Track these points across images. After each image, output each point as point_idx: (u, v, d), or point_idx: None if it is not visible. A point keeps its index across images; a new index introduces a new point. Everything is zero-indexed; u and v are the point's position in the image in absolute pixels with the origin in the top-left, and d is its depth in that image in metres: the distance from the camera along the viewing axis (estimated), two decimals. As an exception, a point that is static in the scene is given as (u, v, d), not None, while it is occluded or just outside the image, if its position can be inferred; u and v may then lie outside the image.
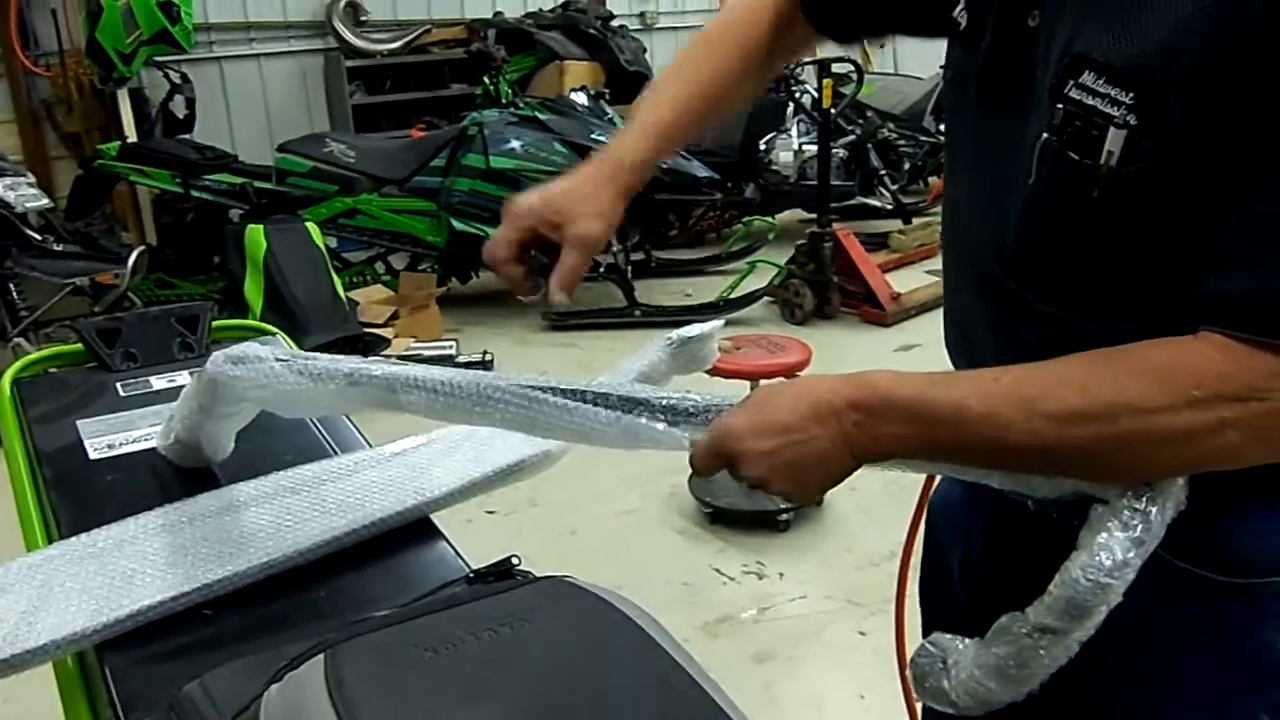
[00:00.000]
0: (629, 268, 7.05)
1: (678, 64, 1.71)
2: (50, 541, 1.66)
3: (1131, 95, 1.09)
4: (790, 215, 8.65)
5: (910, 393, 1.14)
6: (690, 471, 1.29)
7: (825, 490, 1.22)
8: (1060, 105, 1.15)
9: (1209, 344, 1.05)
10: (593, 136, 6.84)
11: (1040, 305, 1.26)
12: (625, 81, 8.86)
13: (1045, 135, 1.17)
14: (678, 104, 1.67)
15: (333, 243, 6.82)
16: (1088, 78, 1.12)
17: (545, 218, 1.64)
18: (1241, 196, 1.05)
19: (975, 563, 1.50)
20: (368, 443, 1.95)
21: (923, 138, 8.83)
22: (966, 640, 1.23)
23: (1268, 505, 1.20)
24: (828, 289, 6.78)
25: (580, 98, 7.25)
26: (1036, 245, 1.25)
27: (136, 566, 1.53)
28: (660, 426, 1.29)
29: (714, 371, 2.21)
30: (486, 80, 7.79)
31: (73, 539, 1.56)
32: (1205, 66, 1.04)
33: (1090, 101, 1.12)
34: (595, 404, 1.31)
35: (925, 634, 1.64)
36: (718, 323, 1.77)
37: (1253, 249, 1.04)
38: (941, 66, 1.58)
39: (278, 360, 1.49)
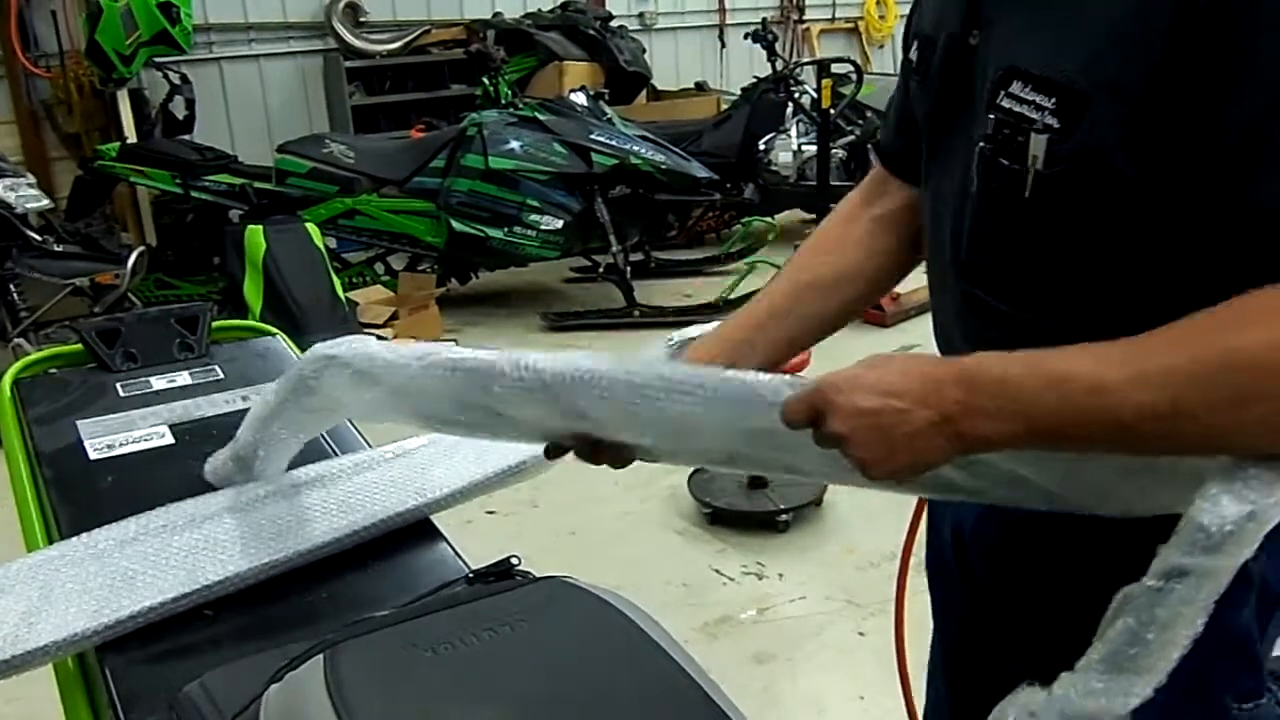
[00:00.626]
0: (628, 268, 7.04)
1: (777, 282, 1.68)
2: (50, 542, 1.67)
3: (1053, 100, 1.15)
4: (790, 215, 8.64)
5: (1015, 370, 1.11)
6: (690, 472, 1.29)
7: (907, 472, 1.16)
8: (992, 115, 1.21)
9: None
10: (592, 137, 6.83)
11: (1000, 307, 1.31)
12: (624, 82, 8.87)
13: (981, 144, 1.23)
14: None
15: (332, 243, 6.82)
16: (1016, 86, 1.18)
17: None
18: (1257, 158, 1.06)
19: (967, 542, 1.52)
20: (368, 443, 1.95)
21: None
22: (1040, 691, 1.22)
23: None
24: (827, 289, 6.76)
25: (579, 98, 7.25)
26: (986, 250, 1.30)
27: (138, 567, 1.53)
28: (761, 378, 1.23)
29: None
30: (486, 81, 7.79)
31: (73, 540, 1.56)
32: (1124, 73, 1.09)
33: (1018, 109, 1.18)
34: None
35: (936, 619, 1.67)
36: (718, 324, 1.76)
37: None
38: None
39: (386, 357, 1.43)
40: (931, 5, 1.42)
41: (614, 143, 6.85)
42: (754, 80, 8.62)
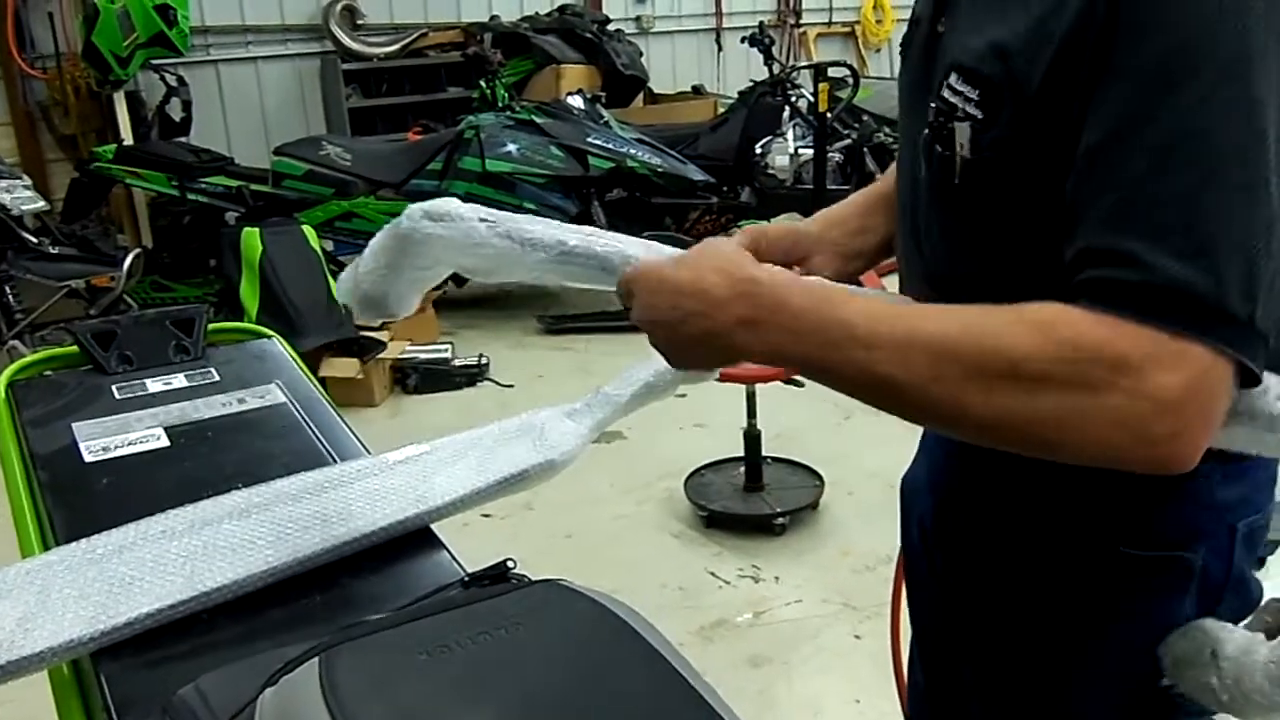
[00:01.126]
0: (625, 271, 7.04)
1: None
2: (45, 545, 1.66)
3: (977, 92, 1.18)
4: (786, 219, 8.64)
5: (802, 302, 1.14)
6: (686, 476, 1.30)
7: (703, 368, 1.28)
8: (933, 103, 1.25)
9: (1088, 315, 1.04)
10: (588, 140, 6.84)
11: (961, 297, 1.29)
12: (621, 85, 8.88)
13: (925, 131, 1.28)
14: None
15: (329, 246, 6.81)
16: (953, 78, 1.22)
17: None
18: (1089, 194, 1.08)
19: (928, 532, 1.58)
20: (367, 450, 1.94)
21: (918, 142, 8.83)
22: (1236, 630, 1.24)
23: (1166, 481, 1.18)
24: (823, 292, 6.76)
25: (576, 101, 7.26)
26: (936, 233, 1.33)
27: (135, 574, 1.52)
28: (610, 250, 1.42)
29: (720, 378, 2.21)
30: (483, 84, 7.80)
31: (71, 545, 1.56)
32: (1027, 72, 1.12)
33: (952, 100, 1.22)
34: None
35: (911, 615, 1.70)
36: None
37: (1110, 236, 1.05)
38: None
39: (481, 220, 1.48)
40: None
41: (611, 146, 6.85)
42: (751, 84, 8.62)
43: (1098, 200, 1.06)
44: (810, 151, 7.70)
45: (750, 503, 4.44)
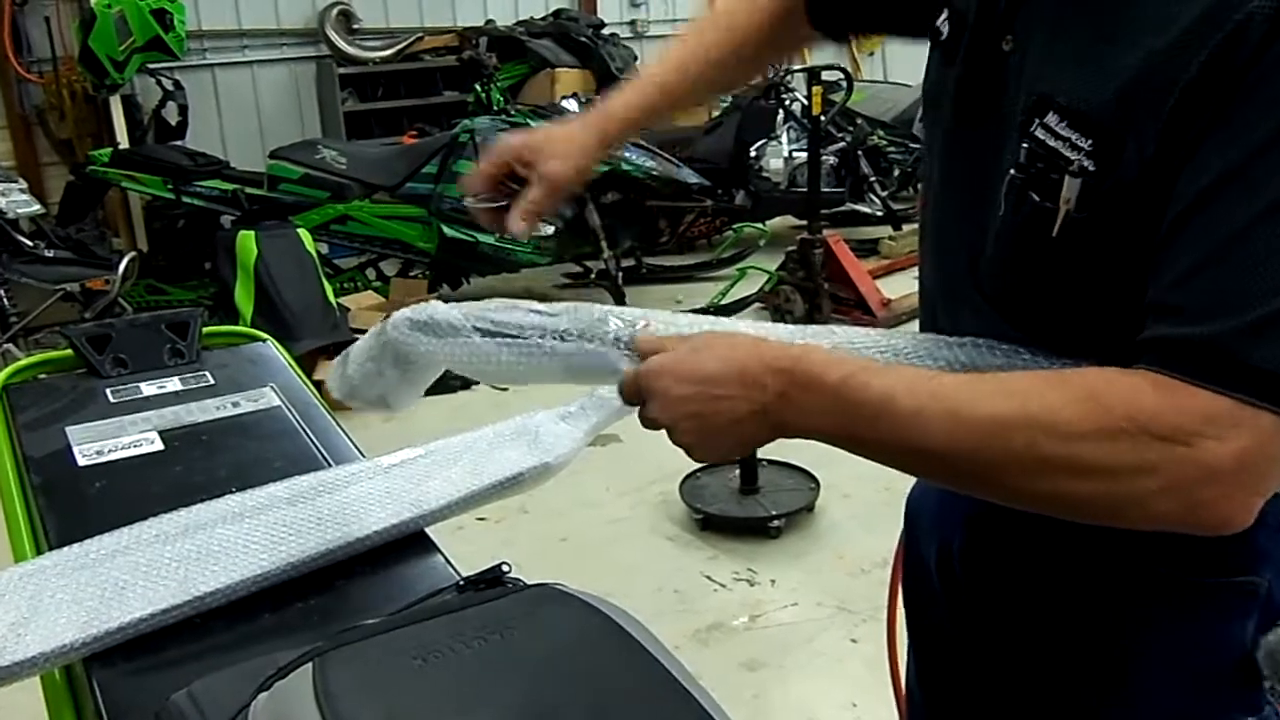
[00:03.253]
0: (620, 274, 7.05)
1: (681, 36, 1.74)
2: (39, 549, 1.66)
3: (1090, 142, 1.09)
4: (780, 222, 8.65)
5: (839, 375, 1.12)
6: (681, 479, 1.30)
7: (731, 456, 1.21)
8: (1025, 144, 1.15)
9: (1145, 379, 1.02)
10: (584, 143, 6.84)
11: (1007, 328, 1.27)
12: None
13: (1012, 172, 1.18)
14: (676, 67, 1.70)
15: (324, 249, 6.81)
16: (1051, 119, 1.12)
17: (521, 155, 1.64)
18: (1174, 244, 1.04)
19: (955, 558, 1.49)
20: (362, 454, 1.94)
21: (912, 144, 8.83)
22: None
23: None
24: (818, 295, 6.77)
25: (571, 105, 7.25)
26: (1005, 270, 1.25)
27: (129, 578, 1.52)
28: (604, 350, 1.32)
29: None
30: (478, 87, 7.79)
31: (64, 549, 1.55)
32: (1153, 117, 1.03)
33: (1053, 144, 1.12)
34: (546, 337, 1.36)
35: (910, 634, 1.67)
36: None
37: (1188, 296, 1.02)
38: None
39: (475, 328, 1.44)
40: None
41: (606, 149, 6.85)
42: (745, 87, 8.62)
43: (1179, 255, 1.03)
44: (804, 155, 7.69)
45: (745, 506, 4.44)
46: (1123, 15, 1.07)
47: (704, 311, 6.70)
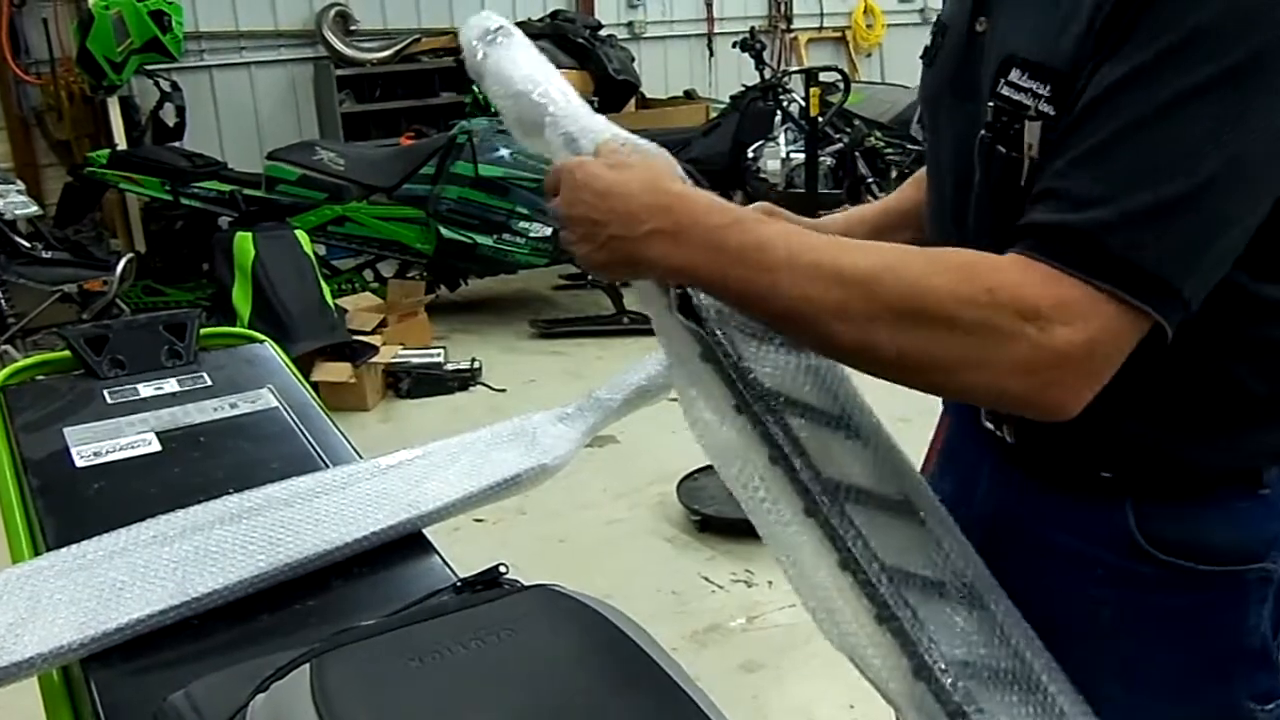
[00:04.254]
0: (618, 275, 7.05)
1: None
2: (36, 550, 1.66)
3: (1048, 87, 1.13)
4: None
5: (720, 220, 1.14)
6: (679, 480, 1.30)
7: (609, 272, 1.23)
8: (992, 103, 1.20)
9: (1015, 260, 1.07)
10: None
11: None
12: (613, 90, 8.87)
13: (982, 133, 1.22)
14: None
15: (321, 250, 6.81)
16: (1014, 74, 1.17)
17: None
18: (1069, 136, 1.08)
19: None
20: (359, 455, 1.94)
21: (909, 145, 8.82)
22: None
23: (1246, 494, 1.22)
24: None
25: (569, 106, 7.24)
26: (987, 232, 1.25)
27: (126, 579, 1.52)
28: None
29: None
30: (476, 89, 7.79)
31: (62, 550, 1.56)
32: (1090, 50, 1.09)
33: (1016, 96, 1.17)
34: None
35: None
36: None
37: (1069, 184, 1.06)
38: None
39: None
40: None
41: (604, 150, 6.85)
42: (742, 88, 8.62)
43: (1070, 145, 1.08)
44: (802, 156, 7.69)
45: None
46: None
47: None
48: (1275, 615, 1.31)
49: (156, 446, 1.89)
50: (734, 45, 8.71)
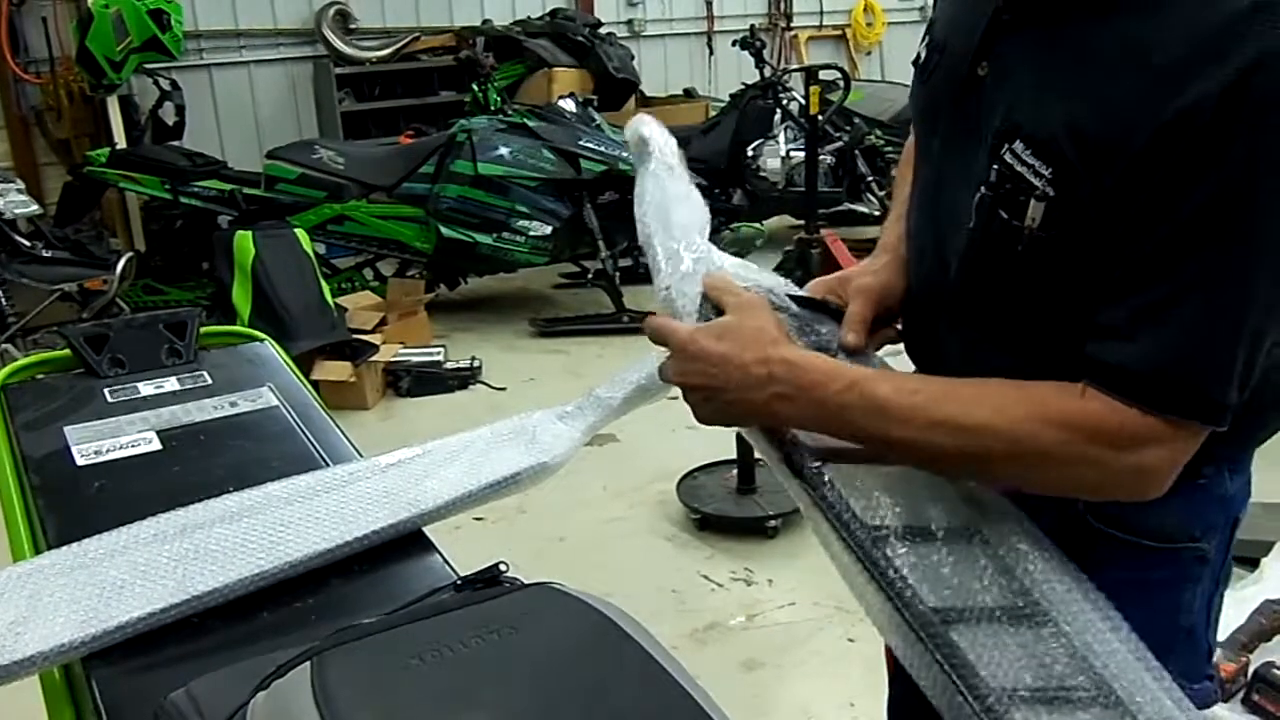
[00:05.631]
0: (617, 274, 7.04)
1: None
2: (37, 549, 1.66)
3: (1050, 170, 1.20)
4: (778, 221, 8.65)
5: (841, 384, 1.27)
6: (679, 478, 1.33)
7: (728, 425, 1.38)
8: (996, 166, 1.25)
9: (1098, 399, 1.19)
10: (580, 143, 6.84)
11: (979, 338, 1.39)
12: (613, 89, 8.86)
13: (983, 190, 1.27)
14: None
15: (321, 249, 6.81)
16: (1018, 146, 1.22)
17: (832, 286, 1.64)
18: (1129, 285, 1.18)
19: None
20: (359, 453, 1.94)
21: (910, 144, 8.84)
22: None
23: (1185, 481, 1.27)
24: (816, 295, 6.76)
25: (568, 105, 7.25)
26: (975, 282, 1.35)
27: (127, 578, 1.52)
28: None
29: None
30: (475, 87, 7.79)
31: (63, 549, 1.56)
32: (1110, 157, 1.15)
33: (1019, 169, 1.22)
34: None
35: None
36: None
37: (1135, 326, 1.17)
38: None
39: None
40: (947, 9, 1.45)
41: (602, 149, 6.85)
42: (742, 87, 8.62)
43: (1127, 298, 1.18)
44: (802, 154, 7.68)
45: (743, 505, 4.43)
46: (1089, 62, 1.18)
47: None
48: (1209, 601, 1.43)
49: (157, 445, 1.90)
50: (734, 43, 8.71)
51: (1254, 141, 1.08)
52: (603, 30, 9.31)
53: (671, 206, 1.56)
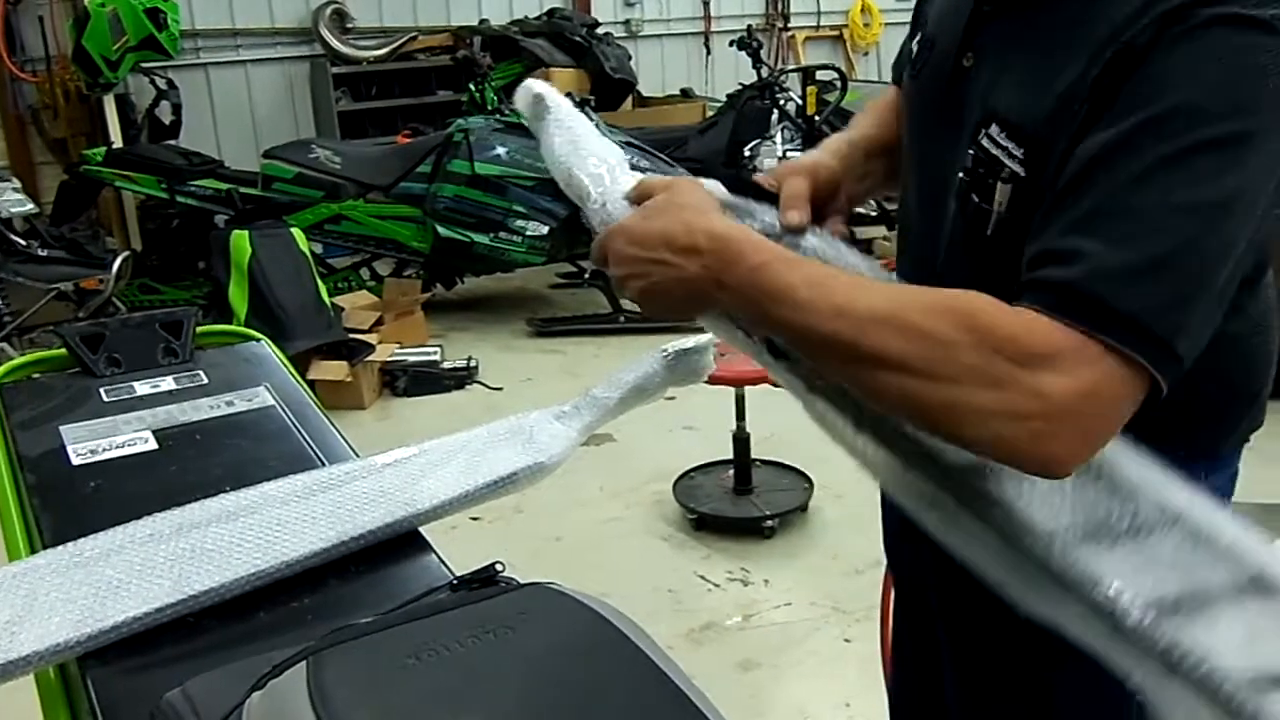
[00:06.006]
0: (615, 274, 7.04)
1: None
2: (32, 548, 1.66)
3: (1022, 151, 1.21)
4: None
5: (756, 260, 1.20)
6: (675, 479, 1.32)
7: (671, 315, 1.30)
8: (972, 150, 1.28)
9: (1016, 312, 1.10)
10: (578, 143, 6.84)
11: None
12: (610, 89, 8.87)
13: (962, 175, 1.30)
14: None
15: (318, 248, 6.81)
16: (994, 129, 1.24)
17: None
18: (1063, 203, 1.14)
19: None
20: (355, 453, 1.94)
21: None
22: None
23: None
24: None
25: (566, 104, 7.24)
26: (957, 269, 1.34)
27: (123, 577, 1.52)
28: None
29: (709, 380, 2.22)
30: (472, 87, 7.80)
31: (59, 548, 1.55)
32: (1070, 123, 1.15)
33: (994, 151, 1.24)
34: None
35: (898, 604, 1.81)
36: (712, 335, 1.75)
37: (1065, 243, 1.11)
38: None
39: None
40: (936, 5, 1.46)
41: (600, 149, 6.85)
42: (739, 87, 8.62)
43: (1064, 212, 1.13)
44: (799, 154, 7.69)
45: (739, 505, 4.44)
46: (1059, 39, 1.19)
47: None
48: None
49: (153, 444, 1.89)
50: (731, 44, 8.72)
51: (1180, 59, 1.09)
52: (600, 30, 9.32)
53: (582, 142, 1.52)
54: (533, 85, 1.59)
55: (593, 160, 1.49)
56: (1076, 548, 1.14)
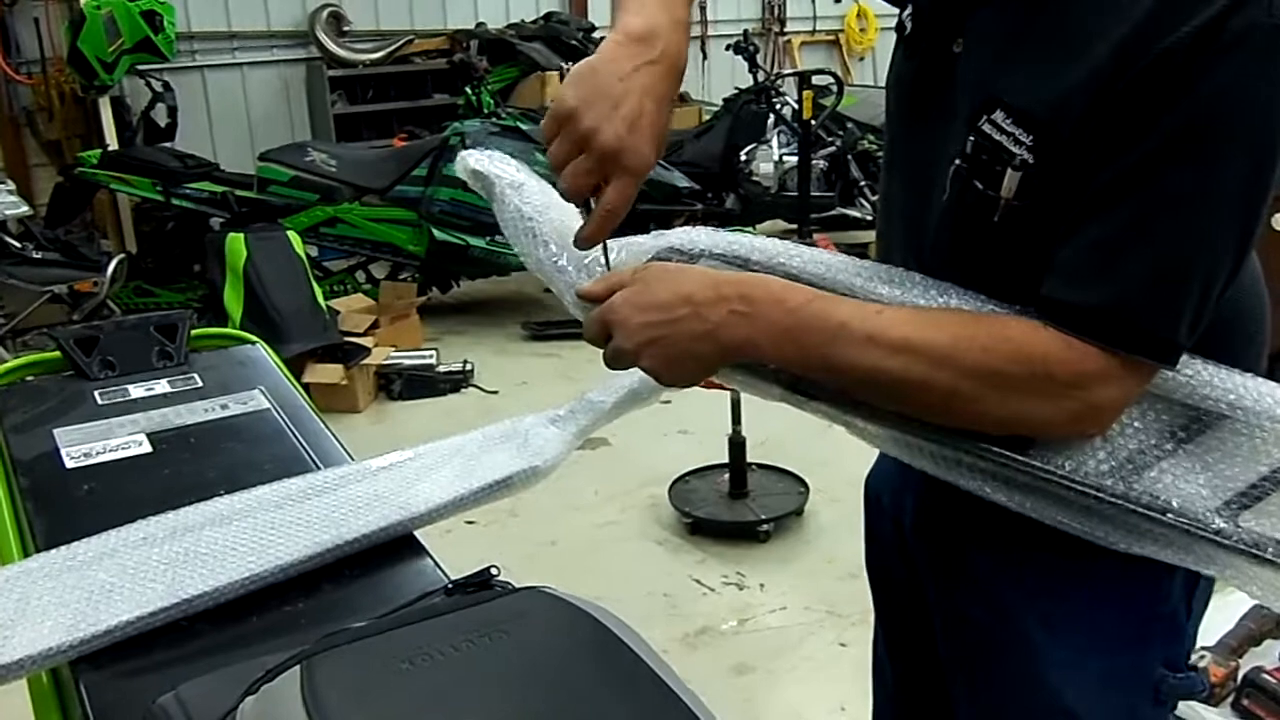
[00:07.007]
0: (610, 278, 7.04)
1: None
2: (26, 552, 1.65)
3: (1032, 138, 1.21)
4: (771, 226, 8.65)
5: (799, 299, 1.24)
6: (670, 482, 1.31)
7: (695, 379, 1.30)
8: (972, 137, 1.26)
9: (1054, 337, 1.19)
10: (574, 147, 6.84)
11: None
12: (607, 92, 8.85)
13: (958, 161, 1.29)
14: None
15: (313, 251, 6.80)
16: (998, 115, 1.23)
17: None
18: (1087, 220, 1.18)
19: (907, 530, 1.61)
20: (350, 456, 1.94)
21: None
22: None
23: None
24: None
25: (562, 108, 7.24)
26: (948, 253, 1.35)
27: (116, 581, 1.52)
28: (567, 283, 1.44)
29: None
30: (468, 90, 7.79)
31: (51, 552, 1.55)
32: (1090, 119, 1.16)
33: (998, 138, 1.24)
34: None
35: (876, 609, 1.79)
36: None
37: (1088, 262, 1.18)
38: None
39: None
40: None
41: (596, 152, 6.85)
42: (735, 91, 8.64)
43: (1101, 222, 1.17)
44: (795, 159, 7.70)
45: (735, 509, 4.44)
46: (1070, 29, 1.18)
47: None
48: (1187, 591, 1.42)
49: (147, 448, 1.89)
50: (727, 48, 8.73)
51: (1221, 78, 1.10)
52: (596, 34, 9.31)
53: (546, 208, 1.52)
54: (469, 160, 1.56)
55: (546, 237, 1.52)
56: (1140, 473, 1.26)
